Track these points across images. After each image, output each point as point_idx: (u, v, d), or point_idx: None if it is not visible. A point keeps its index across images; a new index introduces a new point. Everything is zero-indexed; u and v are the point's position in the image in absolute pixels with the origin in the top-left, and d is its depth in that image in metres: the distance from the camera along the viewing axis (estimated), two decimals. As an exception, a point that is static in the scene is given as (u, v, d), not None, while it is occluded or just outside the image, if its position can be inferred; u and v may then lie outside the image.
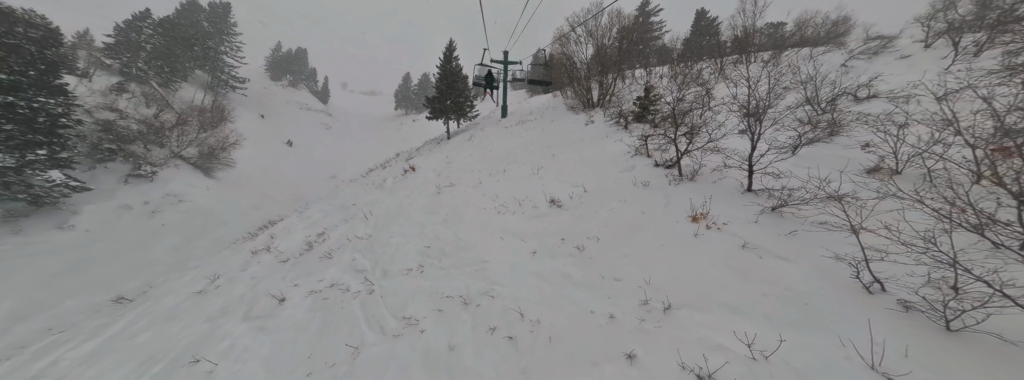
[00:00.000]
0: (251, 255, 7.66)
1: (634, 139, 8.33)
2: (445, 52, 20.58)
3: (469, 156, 11.74)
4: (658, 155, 6.96)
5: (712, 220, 4.04)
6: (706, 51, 16.09)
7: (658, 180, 5.71)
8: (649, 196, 5.23)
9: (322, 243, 7.02)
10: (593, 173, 7.04)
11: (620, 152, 7.90)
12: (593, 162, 7.72)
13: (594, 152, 8.44)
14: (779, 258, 3.20)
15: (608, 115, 11.54)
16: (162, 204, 18.24)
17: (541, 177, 7.58)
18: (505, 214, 6.20)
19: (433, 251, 5.42)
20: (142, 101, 25.27)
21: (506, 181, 7.97)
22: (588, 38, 14.24)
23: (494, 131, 15.06)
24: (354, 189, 13.16)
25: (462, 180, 8.93)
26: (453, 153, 13.25)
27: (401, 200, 8.72)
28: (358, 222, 7.76)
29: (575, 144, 9.74)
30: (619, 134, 9.56)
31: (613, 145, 8.59)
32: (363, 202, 10.01)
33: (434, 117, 20.07)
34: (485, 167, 9.69)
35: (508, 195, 7.00)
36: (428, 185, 9.41)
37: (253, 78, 58.80)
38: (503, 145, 11.92)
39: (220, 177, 23.33)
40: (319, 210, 10.90)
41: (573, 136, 10.76)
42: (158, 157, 20.16)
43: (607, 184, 6.23)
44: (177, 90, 32.97)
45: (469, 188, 8.12)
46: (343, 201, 11.22)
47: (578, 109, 14.29)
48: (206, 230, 17.93)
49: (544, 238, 5.01)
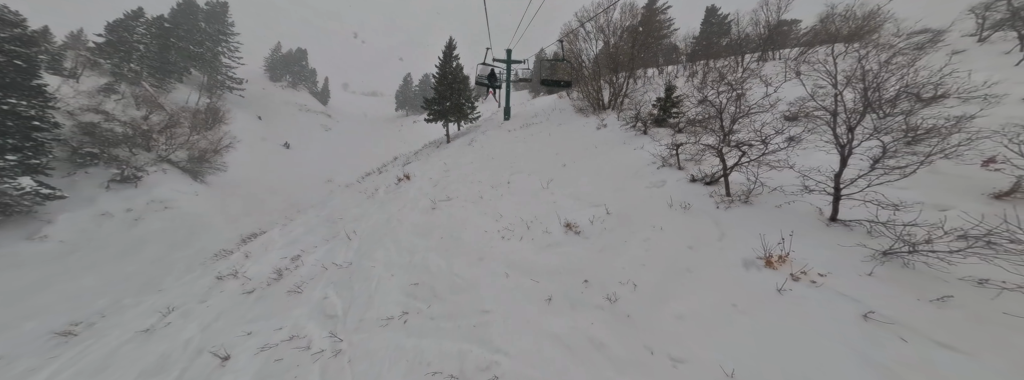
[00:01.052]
0: (216, 281, 6.61)
1: (658, 147, 7.25)
2: (445, 51, 19.55)
3: (469, 163, 10.68)
4: (693, 167, 5.87)
5: (800, 267, 2.95)
6: (724, 48, 15.01)
7: (701, 201, 4.62)
8: (694, 223, 4.15)
9: (294, 270, 5.97)
10: (614, 188, 5.96)
11: (642, 162, 6.81)
12: (611, 174, 6.64)
13: (611, 161, 7.36)
14: (940, 345, 2.11)
15: (623, 118, 10.45)
16: (146, 211, 17.26)
17: (551, 192, 6.50)
18: (511, 240, 5.13)
19: (422, 291, 4.35)
20: (132, 102, 24.37)
21: (511, 196, 6.89)
22: (598, 33, 13.17)
23: (496, 135, 14.00)
24: (344, 198, 12.13)
25: (460, 193, 7.86)
26: (452, 159, 12.19)
27: (391, 215, 7.66)
28: (339, 243, 6.70)
29: (588, 151, 8.66)
30: (638, 140, 8.47)
31: (633, 153, 7.51)
32: (350, 216, 8.96)
33: (433, 120, 19.04)
34: (487, 177, 8.62)
35: (514, 214, 5.93)
36: (422, 198, 8.35)
37: (252, 79, 58.05)
38: (506, 151, 10.85)
39: (210, 182, 22.38)
40: (303, 223, 9.88)
41: (585, 142, 9.68)
42: (144, 161, 19.21)
43: (634, 203, 5.15)
44: (171, 91, 32.11)
45: (468, 203, 7.06)
46: (330, 213, 10.19)
47: (587, 111, 13.21)
48: (192, 239, 16.95)
49: (561, 278, 3.93)
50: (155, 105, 24.98)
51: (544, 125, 13.29)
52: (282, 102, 54.39)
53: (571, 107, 14.80)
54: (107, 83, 23.88)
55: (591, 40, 13.67)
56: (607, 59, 12.51)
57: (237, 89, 43.10)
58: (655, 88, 13.16)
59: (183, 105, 30.93)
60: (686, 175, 5.61)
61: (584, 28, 13.66)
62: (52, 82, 19.62)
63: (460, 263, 4.78)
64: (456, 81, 18.99)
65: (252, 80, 57.46)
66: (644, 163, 6.75)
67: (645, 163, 6.74)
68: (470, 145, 13.72)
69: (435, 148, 18.31)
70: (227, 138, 27.72)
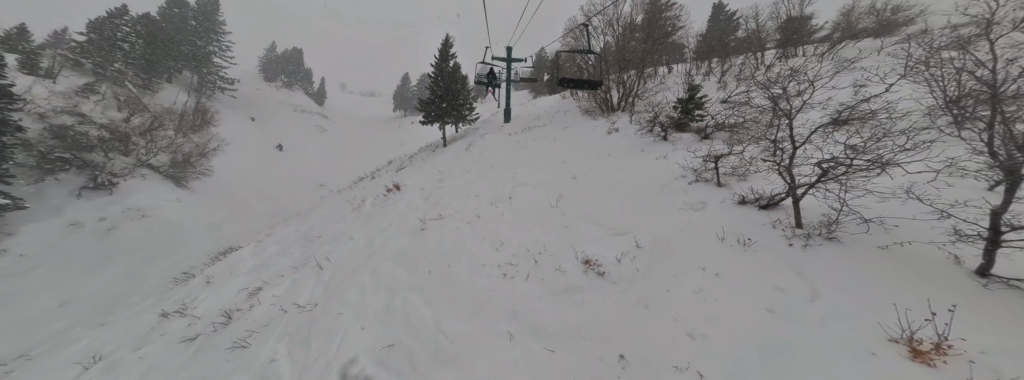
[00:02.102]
0: (160, 319, 5.52)
1: (686, 156, 6.19)
2: (441, 49, 18.47)
3: (466, 172, 9.60)
4: (737, 184, 4.80)
5: (966, 360, 1.88)
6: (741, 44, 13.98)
7: (763, 234, 3.55)
8: (763, 268, 3.08)
9: (249, 311, 4.88)
10: (638, 209, 4.89)
11: (669, 175, 5.74)
12: (634, 190, 5.57)
13: (630, 173, 6.29)
14: None
15: (637, 121, 9.38)
16: (121, 220, 16.14)
17: (561, 212, 5.43)
18: (515, 278, 4.06)
19: (396, 357, 3.27)
20: (113, 104, 23.21)
21: (513, 216, 5.81)
22: (606, 28, 12.11)
23: (496, 139, 12.93)
24: (328, 210, 11.05)
25: (455, 210, 6.78)
26: (447, 166, 11.12)
27: (374, 236, 6.58)
28: (309, 273, 5.61)
29: (600, 160, 7.59)
30: (658, 147, 7.41)
31: (655, 164, 6.44)
32: (330, 234, 7.87)
33: (428, 121, 17.95)
34: (485, 190, 7.54)
35: (517, 241, 4.85)
36: (411, 214, 7.27)
37: (245, 79, 56.87)
38: (507, 158, 9.78)
39: (194, 187, 21.25)
40: (279, 241, 8.78)
41: (595, 148, 8.61)
42: (121, 166, 18.08)
43: (669, 232, 4.08)
44: (157, 92, 30.96)
45: (463, 224, 5.98)
46: (310, 229, 9.11)
47: (595, 113, 12.15)
48: (170, 250, 15.83)
49: (585, 346, 2.87)
50: (138, 106, 23.83)
51: (548, 128, 12.22)
52: (276, 103, 53.23)
53: (577, 108, 13.74)
54: (87, 83, 22.73)
55: (598, 36, 12.61)
56: (616, 56, 11.45)
57: (229, 89, 41.93)
58: (668, 88, 12.11)
59: (170, 106, 29.77)
60: (731, 194, 4.54)
61: (591, 23, 12.60)
62: (23, 82, 18.50)
63: (450, 314, 3.70)
64: (453, 81, 17.91)
65: (246, 80, 56.29)
66: (671, 176, 5.68)
67: (673, 176, 5.67)
68: (467, 150, 12.65)
69: (431, 152, 17.24)
70: (215, 141, 26.60)
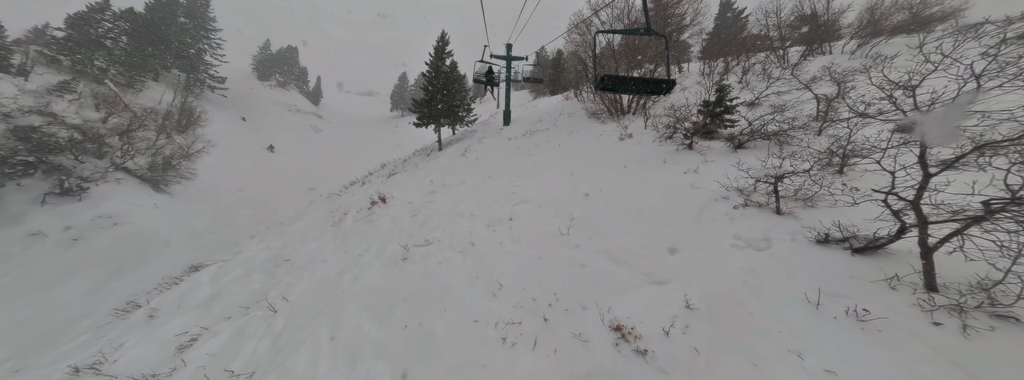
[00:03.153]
0: (70, 376, 4.40)
1: (718, 169, 5.12)
2: (436, 46, 17.38)
3: (460, 183, 8.51)
4: (803, 212, 3.72)
5: None
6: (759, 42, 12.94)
7: (877, 298, 2.47)
8: (905, 367, 2.00)
9: (176, 373, 3.77)
10: (677, 243, 3.80)
11: (706, 195, 4.66)
12: (664, 214, 4.49)
13: (656, 190, 5.21)
14: None
15: (653, 126, 8.31)
16: (89, 229, 14.96)
17: (576, 243, 4.34)
18: (517, 347, 2.97)
19: None
20: (90, 103, 22.01)
21: (515, 246, 4.72)
22: (615, 22, 11.04)
23: (495, 143, 11.84)
24: (308, 222, 9.96)
25: (445, 233, 5.69)
26: (440, 175, 10.02)
27: (348, 264, 5.49)
28: (260, 317, 4.51)
29: (615, 172, 6.51)
30: (683, 158, 6.33)
31: (683, 179, 5.35)
32: (301, 256, 6.78)
33: (422, 123, 16.85)
34: (482, 208, 6.45)
35: (520, 285, 3.77)
36: (395, 235, 6.18)
37: (239, 78, 55.64)
38: (506, 167, 8.69)
39: (175, 192, 20.07)
40: (246, 261, 7.67)
41: (608, 157, 7.53)
42: (94, 170, 16.89)
43: (730, 285, 2.99)
44: (142, 91, 29.71)
45: (454, 254, 4.89)
46: (284, 245, 8.02)
47: (603, 116, 11.08)
48: (142, 261, 14.68)
49: None
50: (118, 106, 22.62)
51: (551, 133, 11.13)
52: (270, 102, 52.02)
53: (582, 111, 12.66)
54: (62, 81, 21.52)
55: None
56: (629, 52, 10.38)
57: (219, 88, 40.69)
58: (683, 88, 11.05)
59: (155, 105, 28.55)
60: (801, 228, 3.46)
61: (598, 17, 11.53)
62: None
63: (427, 408, 2.61)
64: (450, 80, 16.82)
65: (239, 79, 55.06)
66: (709, 196, 4.60)
67: (710, 196, 4.59)
68: (463, 156, 11.55)
69: (425, 156, 16.14)
70: (200, 142, 25.42)
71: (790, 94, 7.63)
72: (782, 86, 7.95)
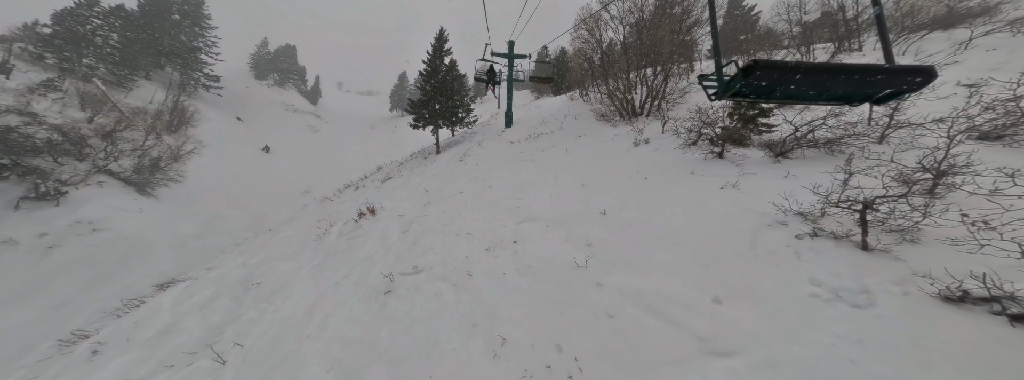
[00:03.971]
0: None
1: (765, 183, 4.27)
2: (434, 44, 16.53)
3: (458, 194, 7.65)
4: (901, 249, 2.85)
5: None
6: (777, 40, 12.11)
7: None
8: None
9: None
10: (731, 288, 2.94)
11: (755, 218, 3.81)
12: (703, 243, 3.63)
13: (687, 211, 4.36)
14: None
15: (672, 131, 7.45)
16: (66, 236, 14.14)
17: (597, 280, 3.48)
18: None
19: None
20: (76, 102, 21.18)
21: (520, 280, 3.87)
22: (626, 15, 10.20)
23: (496, 148, 10.99)
24: (292, 233, 9.12)
25: (438, 257, 4.85)
26: (436, 182, 9.17)
27: (321, 297, 4.64)
28: (204, 370, 3.67)
29: (634, 184, 5.66)
30: (715, 168, 5.47)
31: (720, 196, 4.50)
32: (273, 279, 5.93)
33: (418, 125, 16.01)
34: (480, 225, 5.60)
35: (530, 342, 2.92)
36: (379, 260, 5.34)
37: (236, 77, 54.80)
38: (509, 176, 7.83)
39: (161, 195, 19.22)
40: (217, 280, 6.84)
41: (623, 166, 6.68)
42: (74, 173, 16.06)
43: (829, 371, 2.13)
44: (133, 90, 28.87)
45: (446, 286, 4.04)
46: (260, 262, 7.18)
47: (614, 119, 10.22)
48: (121, 270, 13.85)
49: None
50: (104, 105, 21.80)
51: (557, 136, 10.28)
52: (267, 102, 51.20)
53: (590, 112, 11.81)
54: (46, 80, 20.69)
55: (616, 26, 10.69)
56: (642, 48, 9.51)
57: (214, 87, 39.84)
58: (699, 89, 10.18)
59: (145, 105, 27.71)
60: (908, 274, 2.59)
61: (608, 11, 10.67)
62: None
63: None
64: (448, 80, 15.97)
65: (236, 78, 54.23)
66: (760, 220, 3.74)
67: (762, 221, 3.73)
68: (462, 161, 10.70)
69: (422, 159, 15.31)
70: (191, 143, 24.63)
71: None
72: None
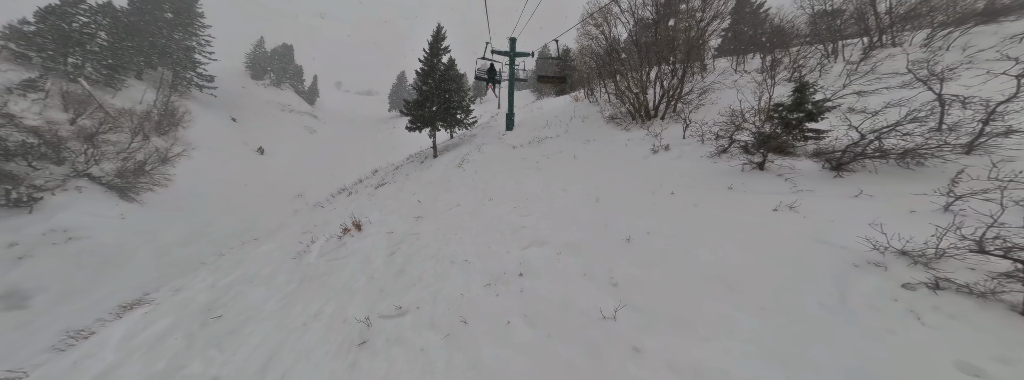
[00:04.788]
0: None
1: (815, 201, 3.42)
2: (430, 42, 15.68)
3: (454, 207, 6.78)
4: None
5: None
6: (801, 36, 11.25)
7: None
8: None
9: None
10: (832, 369, 2.08)
11: (833, 255, 2.94)
12: (776, 293, 2.76)
13: (737, 240, 3.49)
14: None
15: (697, 135, 6.59)
16: (38, 245, 13.29)
17: (634, 343, 2.62)
18: None
19: None
20: (58, 103, 20.32)
21: (530, 332, 3.00)
22: (640, 8, 9.36)
23: (496, 153, 10.12)
24: (272, 248, 8.29)
25: (428, 291, 3.99)
26: (431, 192, 8.30)
27: (279, 347, 3.78)
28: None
29: (660, 202, 4.79)
30: (756, 182, 4.62)
31: (774, 219, 3.65)
32: (236, 313, 5.07)
33: (414, 127, 15.15)
34: (479, 248, 4.74)
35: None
36: (359, 292, 4.49)
37: (231, 77, 53.95)
38: (512, 187, 6.97)
39: (146, 200, 18.35)
40: (177, 306, 5.98)
41: (643, 177, 5.82)
42: (50, 178, 15.20)
43: None
44: (122, 90, 28.00)
45: (438, 338, 3.18)
46: (229, 285, 6.33)
47: (625, 121, 9.36)
48: (97, 281, 12.99)
49: None
50: (88, 106, 20.93)
51: (563, 141, 9.42)
52: (263, 102, 50.34)
53: (597, 114, 10.95)
54: (27, 79, 19.82)
55: (627, 20, 9.83)
56: (657, 44, 8.65)
57: (207, 87, 38.97)
58: (712, 89, 9.29)
59: (134, 105, 26.83)
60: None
61: (618, 4, 9.81)
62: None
63: None
64: (446, 79, 15.10)
65: (231, 78, 53.39)
66: (842, 259, 2.88)
67: (845, 260, 2.87)
68: (460, 167, 9.84)
69: (419, 163, 14.45)
70: (180, 145, 23.79)
71: (877, 94, 5.92)
72: (867, 83, 6.24)
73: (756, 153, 5.09)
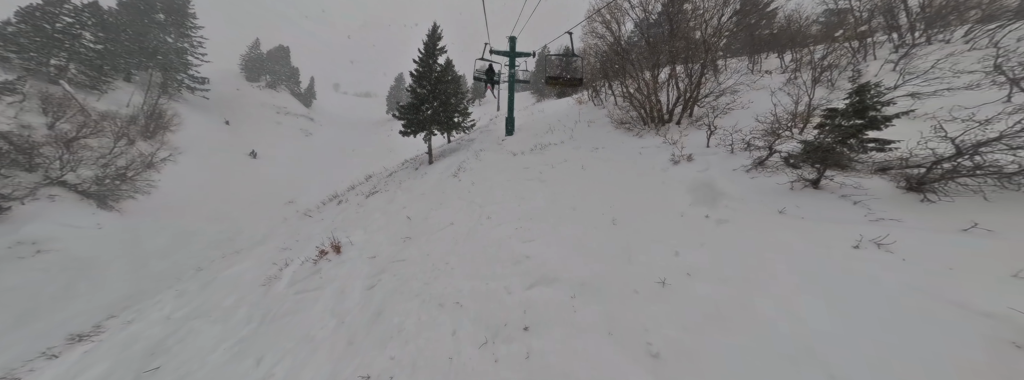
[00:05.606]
0: None
1: (907, 235, 2.54)
2: (425, 43, 14.84)
3: (447, 226, 5.90)
4: None
5: None
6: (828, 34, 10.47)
7: None
8: None
9: None
10: None
11: (972, 329, 2.04)
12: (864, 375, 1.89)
13: (823, 294, 2.62)
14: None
15: (725, 144, 5.73)
16: (4, 258, 12.36)
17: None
18: None
19: None
20: (37, 106, 19.41)
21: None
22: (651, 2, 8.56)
23: (495, 161, 9.25)
24: (244, 269, 7.40)
25: (408, 349, 3.11)
26: (423, 206, 7.42)
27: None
28: None
29: (692, 226, 3.94)
30: (814, 204, 3.78)
31: (862, 262, 2.76)
32: (178, 361, 4.18)
33: (409, 132, 14.29)
34: (475, 284, 3.86)
35: None
36: (324, 343, 3.62)
37: (226, 79, 53.11)
38: (513, 203, 6.09)
39: (126, 208, 17.42)
40: (121, 345, 5.11)
41: (665, 195, 4.96)
42: (21, 186, 14.29)
43: None
44: (108, 92, 27.08)
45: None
46: (181, 320, 5.44)
47: (636, 126, 8.50)
48: (65, 299, 12.04)
49: None
50: (69, 109, 20.03)
51: (569, 148, 8.56)
52: (257, 104, 49.43)
53: (605, 118, 10.09)
54: (4, 81, 18.91)
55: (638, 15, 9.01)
56: (678, 42, 7.81)
57: (199, 89, 38.07)
58: (735, 91, 8.44)
59: (120, 108, 25.93)
60: None
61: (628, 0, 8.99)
62: None
63: None
64: (442, 81, 14.26)
65: (226, 80, 52.54)
66: (987, 334, 1.99)
67: (995, 335, 1.98)
68: (456, 176, 8.97)
69: (413, 170, 13.59)
70: (166, 149, 22.88)
71: (937, 96, 5.08)
72: (925, 83, 5.39)
73: (806, 167, 4.24)
